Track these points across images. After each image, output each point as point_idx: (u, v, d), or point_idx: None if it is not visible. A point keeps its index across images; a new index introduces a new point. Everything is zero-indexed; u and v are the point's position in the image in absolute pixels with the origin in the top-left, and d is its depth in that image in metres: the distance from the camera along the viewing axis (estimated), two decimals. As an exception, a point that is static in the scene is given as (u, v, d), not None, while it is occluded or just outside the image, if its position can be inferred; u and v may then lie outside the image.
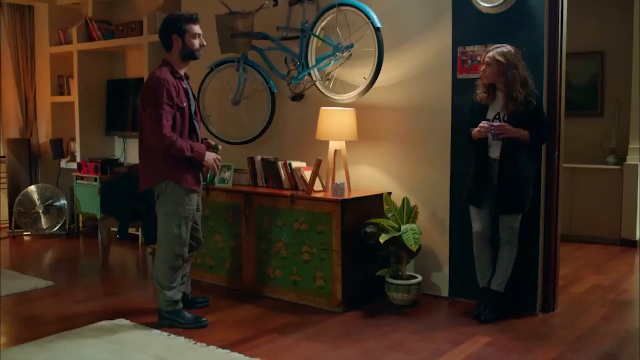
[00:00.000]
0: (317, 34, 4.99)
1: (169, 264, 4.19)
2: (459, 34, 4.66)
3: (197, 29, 4.16)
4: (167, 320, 4.21)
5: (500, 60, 4.11)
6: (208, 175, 4.39)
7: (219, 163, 4.26)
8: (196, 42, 4.15)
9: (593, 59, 7.38)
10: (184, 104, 4.10)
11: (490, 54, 4.16)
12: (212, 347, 3.80)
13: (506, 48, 4.15)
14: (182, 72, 4.19)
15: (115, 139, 7.80)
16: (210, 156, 4.19)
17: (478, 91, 4.31)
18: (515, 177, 4.20)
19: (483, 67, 4.20)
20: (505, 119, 4.20)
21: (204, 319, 4.25)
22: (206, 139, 4.44)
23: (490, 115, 4.27)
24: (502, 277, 4.35)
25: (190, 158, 4.06)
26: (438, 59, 4.77)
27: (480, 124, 4.18)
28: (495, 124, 4.13)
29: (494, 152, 4.24)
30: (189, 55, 4.17)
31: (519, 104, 4.12)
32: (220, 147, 4.40)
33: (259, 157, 5.16)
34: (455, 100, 4.68)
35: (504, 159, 4.19)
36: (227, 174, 5.20)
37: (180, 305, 4.26)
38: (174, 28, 4.11)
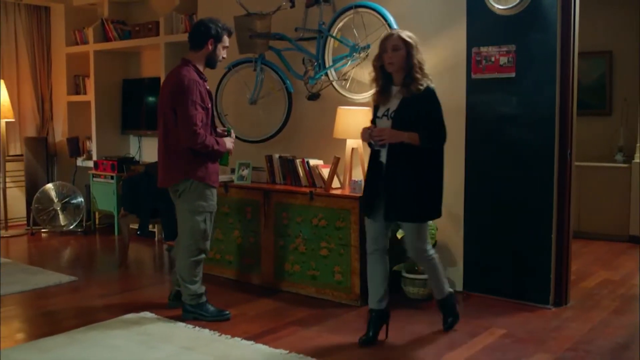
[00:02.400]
0: (334, 35, 5.11)
1: (193, 258, 4.32)
2: (473, 35, 4.77)
3: (228, 42, 4.34)
4: (191, 313, 4.34)
5: (409, 41, 3.73)
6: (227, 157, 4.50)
7: (233, 145, 4.47)
8: (223, 53, 4.34)
9: (601, 58, 7.49)
10: (209, 105, 4.24)
11: (394, 37, 3.74)
12: (237, 339, 3.93)
13: (405, 31, 3.84)
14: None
15: (131, 137, 7.93)
16: (228, 142, 4.38)
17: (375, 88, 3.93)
18: (403, 183, 3.75)
19: (388, 54, 3.73)
20: (393, 115, 3.77)
21: (227, 312, 4.39)
22: (216, 127, 4.58)
23: (381, 112, 3.87)
24: (439, 287, 4.09)
25: (217, 151, 4.23)
26: (453, 59, 4.89)
27: (362, 129, 3.88)
28: (375, 129, 3.78)
29: (383, 156, 3.84)
30: (212, 62, 4.34)
31: (415, 89, 3.71)
32: (232, 130, 4.56)
33: (276, 155, 5.29)
34: (470, 100, 4.80)
35: (390, 164, 3.79)
36: (245, 172, 5.33)
37: (204, 298, 4.39)
38: (214, 33, 4.25)
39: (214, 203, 4.35)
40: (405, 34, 3.76)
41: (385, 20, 4.80)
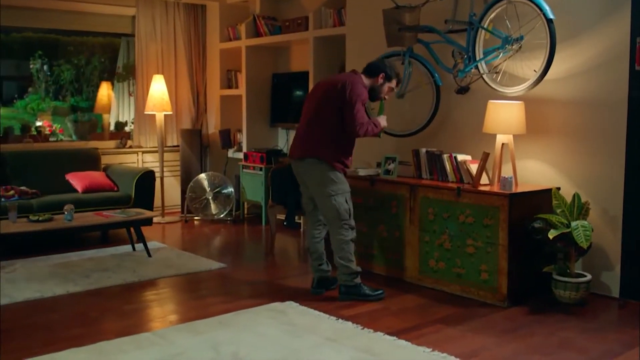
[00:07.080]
0: (485, 26, 4.96)
1: (349, 237, 4.58)
2: (638, 24, 4.45)
3: (394, 85, 4.77)
4: (349, 295, 4.61)
5: None
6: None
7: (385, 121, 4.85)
8: (386, 93, 4.76)
9: None
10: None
11: None
12: (380, 334, 3.91)
13: None
14: None
15: (279, 130, 8.14)
16: (382, 120, 4.77)
17: None
18: None
19: None
20: None
21: (381, 290, 4.67)
22: None
23: None
24: None
25: (375, 133, 4.65)
26: (613, 50, 4.60)
27: None
28: None
29: None
30: (374, 94, 4.73)
31: None
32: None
33: (423, 150, 5.22)
34: (633, 94, 4.49)
35: None
36: (391, 166, 5.31)
37: (359, 279, 4.63)
38: (387, 71, 4.69)
39: (347, 185, 4.63)
40: None
41: (541, 10, 4.57)
